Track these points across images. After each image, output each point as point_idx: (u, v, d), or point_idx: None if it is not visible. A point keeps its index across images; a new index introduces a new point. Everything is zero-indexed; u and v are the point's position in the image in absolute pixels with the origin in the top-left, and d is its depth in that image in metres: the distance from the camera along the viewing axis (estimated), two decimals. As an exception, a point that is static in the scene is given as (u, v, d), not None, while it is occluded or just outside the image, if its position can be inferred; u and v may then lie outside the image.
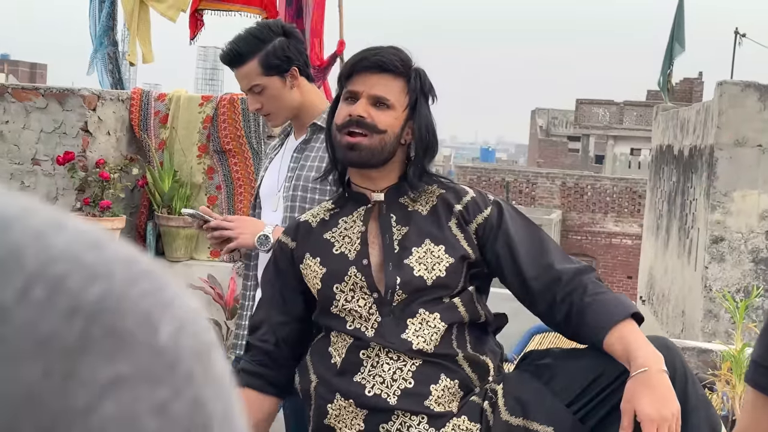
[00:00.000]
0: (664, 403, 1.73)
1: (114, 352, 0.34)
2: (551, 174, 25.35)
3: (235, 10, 5.44)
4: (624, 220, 24.01)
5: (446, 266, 1.93)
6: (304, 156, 2.57)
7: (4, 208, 0.36)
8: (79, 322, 0.34)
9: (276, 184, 2.63)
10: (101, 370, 0.34)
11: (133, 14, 5.73)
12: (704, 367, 3.86)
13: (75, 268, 0.35)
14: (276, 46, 2.51)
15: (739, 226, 6.85)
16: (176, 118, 4.77)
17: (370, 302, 1.95)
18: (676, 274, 8.41)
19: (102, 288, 0.35)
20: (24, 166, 4.64)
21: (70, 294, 0.34)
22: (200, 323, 0.38)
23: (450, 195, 2.02)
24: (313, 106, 2.60)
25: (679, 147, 8.81)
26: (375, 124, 1.94)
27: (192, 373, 0.36)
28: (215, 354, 0.38)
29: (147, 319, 0.35)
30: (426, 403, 1.89)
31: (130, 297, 0.36)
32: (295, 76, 2.55)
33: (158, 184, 4.64)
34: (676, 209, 8.70)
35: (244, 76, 2.53)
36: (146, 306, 0.36)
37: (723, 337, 6.12)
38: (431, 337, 1.91)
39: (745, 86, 6.88)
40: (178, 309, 0.37)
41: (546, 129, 42.23)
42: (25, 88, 4.70)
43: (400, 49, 1.99)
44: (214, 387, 0.37)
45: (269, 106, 2.55)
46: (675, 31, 14.04)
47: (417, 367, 1.90)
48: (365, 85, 1.95)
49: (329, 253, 2.02)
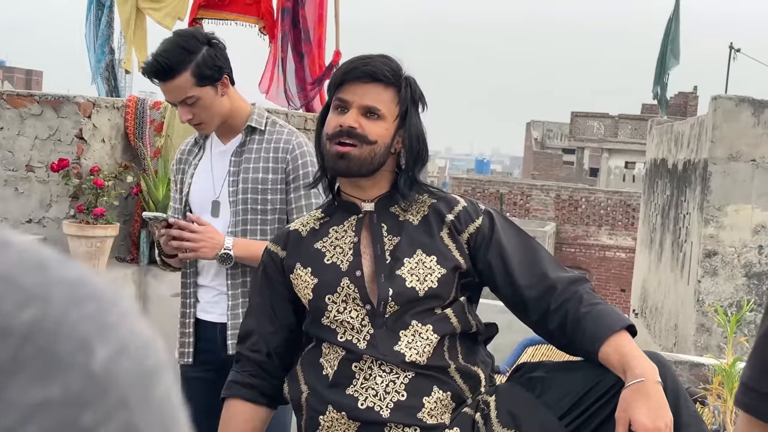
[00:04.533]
0: (658, 414, 1.73)
1: (45, 374, 0.34)
2: (546, 186, 25.38)
3: (232, 20, 5.46)
4: (618, 233, 24.04)
5: (438, 277, 1.92)
6: (244, 158, 2.58)
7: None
8: (12, 343, 0.34)
9: (211, 189, 2.62)
10: (29, 392, 0.33)
11: (129, 22, 5.74)
12: (696, 381, 3.86)
13: (10, 290, 0.35)
14: (205, 56, 2.48)
15: (733, 240, 6.87)
16: (171, 126, 4.77)
17: (362, 314, 1.93)
18: (669, 288, 8.42)
19: (36, 311, 0.35)
20: (18, 173, 4.63)
21: (4, 315, 0.34)
22: (144, 347, 0.38)
23: (441, 204, 2.00)
24: (239, 109, 2.61)
25: (674, 161, 8.84)
26: (366, 134, 1.92)
27: (127, 397, 0.36)
28: (158, 378, 0.38)
29: (82, 343, 0.35)
30: (419, 416, 1.89)
31: (68, 320, 0.35)
32: (225, 84, 2.54)
33: (152, 192, 4.64)
34: (670, 223, 8.72)
35: (175, 88, 2.48)
36: (83, 329, 0.35)
37: (715, 351, 6.13)
38: (424, 349, 1.90)
39: (739, 101, 6.91)
40: (121, 333, 0.37)
41: (541, 141, 42.31)
42: (20, 95, 4.70)
43: (391, 58, 1.97)
44: (152, 412, 0.37)
45: (202, 115, 2.53)
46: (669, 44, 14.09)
47: (410, 379, 1.90)
48: (356, 94, 1.94)
49: (321, 264, 2.00)
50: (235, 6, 5.46)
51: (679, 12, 14.30)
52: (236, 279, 2.60)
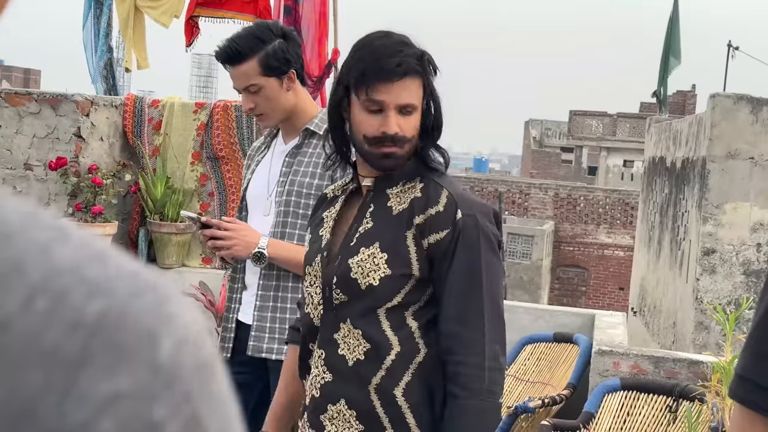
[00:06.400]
0: None
1: (114, 366, 0.34)
2: (544, 185, 25.40)
3: (229, 17, 5.45)
4: (616, 232, 24.06)
5: (381, 276, 1.85)
6: (297, 161, 2.57)
7: (9, 218, 0.36)
8: (81, 335, 0.34)
9: (266, 187, 2.62)
10: (101, 384, 0.33)
11: (127, 20, 5.74)
12: (695, 378, 3.86)
13: (78, 282, 0.35)
14: (276, 48, 2.51)
15: (731, 238, 6.87)
16: (170, 124, 4.77)
17: (320, 293, 1.94)
18: (668, 286, 8.43)
19: (103, 303, 0.35)
20: (16, 171, 4.63)
21: (73, 308, 0.34)
22: (202, 338, 0.38)
23: (422, 201, 1.88)
24: (305, 110, 2.60)
25: (672, 159, 8.84)
26: (406, 136, 1.88)
27: (190, 390, 0.36)
28: (215, 370, 0.38)
29: (148, 335, 0.35)
30: (321, 418, 1.90)
31: (132, 312, 0.35)
32: (292, 79, 2.55)
33: (151, 191, 4.64)
34: (668, 221, 8.73)
35: (241, 74, 2.51)
36: (147, 321, 0.35)
37: (714, 348, 6.13)
38: (352, 351, 1.88)
39: (737, 99, 6.91)
40: (180, 324, 0.37)
41: (539, 140, 42.32)
42: (19, 93, 4.69)
43: (410, 44, 1.90)
44: (211, 404, 0.37)
45: (264, 106, 2.54)
46: (669, 44, 14.11)
47: (326, 381, 1.90)
48: (391, 94, 1.86)
49: (316, 234, 2.02)
50: (232, 4, 5.46)
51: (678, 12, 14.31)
52: (269, 281, 2.56)
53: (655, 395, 3.82)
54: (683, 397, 3.70)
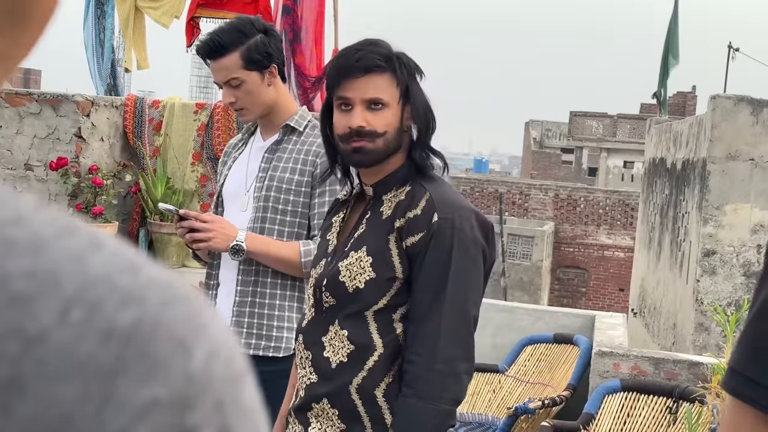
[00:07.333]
0: None
1: (149, 375, 0.34)
2: (544, 186, 25.40)
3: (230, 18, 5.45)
4: (616, 233, 24.06)
5: (366, 279, 1.88)
6: (276, 157, 2.58)
7: (42, 228, 0.36)
8: (115, 345, 0.34)
9: (244, 183, 2.63)
10: (137, 393, 0.33)
11: (128, 21, 5.74)
12: (695, 379, 3.86)
13: (110, 292, 0.35)
14: (258, 42, 2.53)
15: (731, 239, 6.87)
16: (170, 125, 4.77)
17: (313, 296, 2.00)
18: (668, 287, 8.43)
19: (136, 312, 0.35)
20: (17, 172, 4.63)
21: (106, 318, 0.34)
22: (233, 349, 0.38)
23: (404, 203, 1.90)
24: (285, 106, 2.62)
25: (672, 160, 8.84)
26: (374, 129, 1.90)
27: (222, 400, 0.36)
28: (246, 382, 0.38)
29: (180, 344, 0.35)
30: (308, 415, 1.95)
31: (164, 321, 0.35)
32: (273, 74, 2.57)
33: (151, 191, 4.64)
34: (669, 222, 8.73)
35: (223, 67, 2.52)
36: (180, 331, 0.36)
37: (714, 350, 6.13)
38: (336, 353, 1.91)
39: (738, 100, 6.91)
40: (212, 335, 0.37)
41: (540, 141, 42.33)
42: (19, 94, 4.69)
43: (378, 43, 1.94)
44: (242, 415, 0.37)
45: (244, 101, 2.55)
46: (669, 44, 14.12)
47: (312, 382, 1.93)
48: (356, 90, 1.91)
49: (323, 238, 2.06)
50: (233, 5, 5.46)
51: (677, 12, 14.32)
52: (248, 276, 2.56)
53: (655, 396, 3.82)
54: (683, 399, 3.70)
